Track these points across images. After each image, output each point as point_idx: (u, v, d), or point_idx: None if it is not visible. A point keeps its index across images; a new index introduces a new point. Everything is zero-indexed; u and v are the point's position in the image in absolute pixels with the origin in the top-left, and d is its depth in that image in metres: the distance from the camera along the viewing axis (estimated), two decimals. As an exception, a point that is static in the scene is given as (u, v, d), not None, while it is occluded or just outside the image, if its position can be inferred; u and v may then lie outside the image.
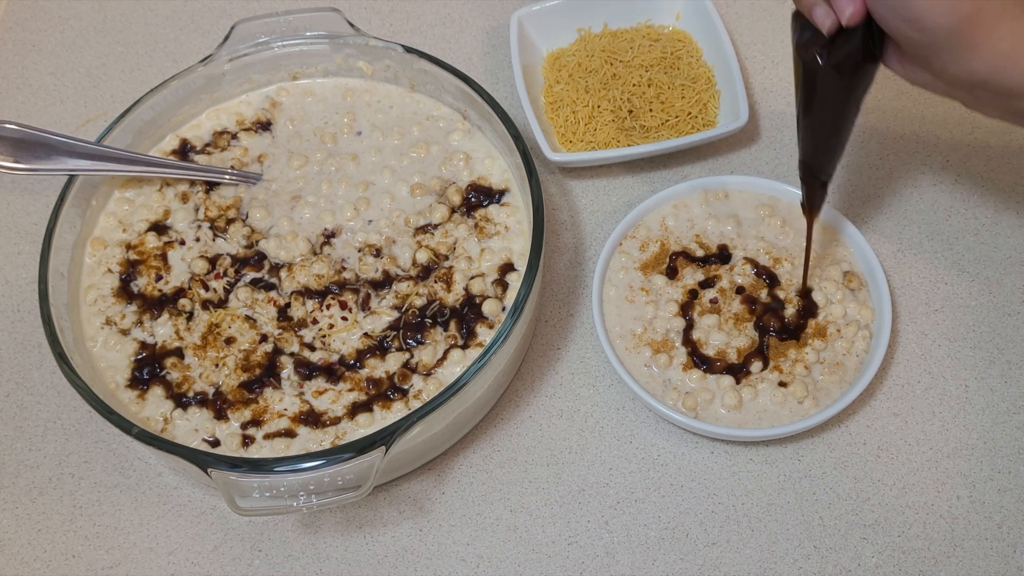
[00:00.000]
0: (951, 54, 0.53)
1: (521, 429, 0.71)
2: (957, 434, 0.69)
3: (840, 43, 0.56)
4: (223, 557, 0.67)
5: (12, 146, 0.73)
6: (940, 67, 0.54)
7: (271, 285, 0.73)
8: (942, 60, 0.54)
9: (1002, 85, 0.53)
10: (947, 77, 0.55)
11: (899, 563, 0.64)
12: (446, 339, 0.69)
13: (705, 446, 0.69)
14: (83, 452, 0.72)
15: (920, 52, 0.54)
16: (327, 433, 0.66)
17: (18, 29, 0.96)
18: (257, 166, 0.79)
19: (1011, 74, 0.52)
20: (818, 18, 0.56)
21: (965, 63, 0.53)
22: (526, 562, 0.66)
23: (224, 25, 0.89)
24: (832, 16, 0.55)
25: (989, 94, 0.55)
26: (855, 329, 0.70)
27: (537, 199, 0.69)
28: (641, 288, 0.73)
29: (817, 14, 0.56)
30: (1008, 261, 0.76)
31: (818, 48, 0.57)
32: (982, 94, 0.55)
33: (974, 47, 0.52)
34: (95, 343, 0.70)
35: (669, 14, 0.88)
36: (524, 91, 0.81)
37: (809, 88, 0.60)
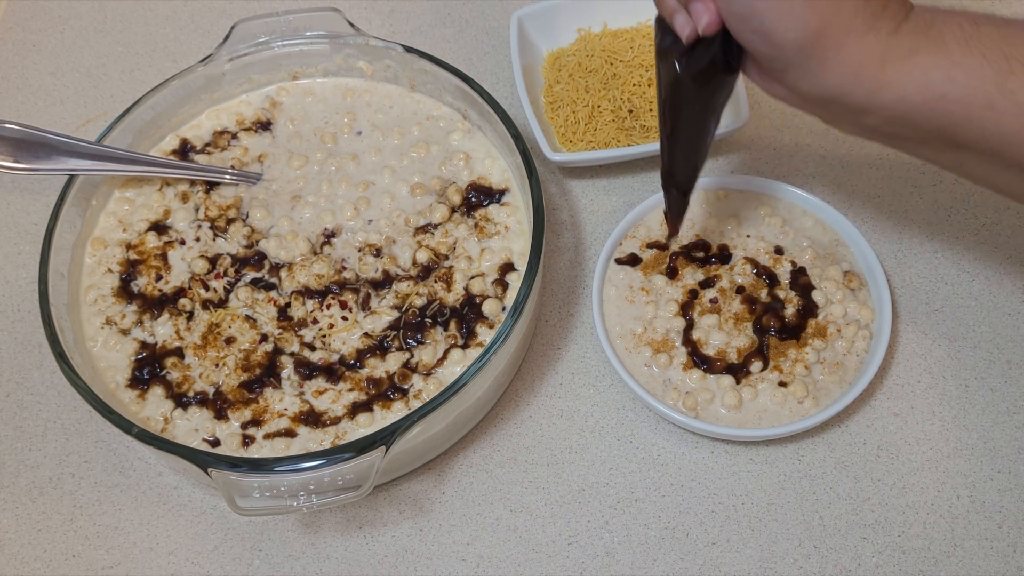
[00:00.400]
0: (801, 69, 0.53)
1: (521, 429, 0.71)
2: (957, 434, 0.69)
3: (699, 52, 0.56)
4: (223, 557, 0.67)
5: (12, 146, 0.73)
6: (792, 82, 0.54)
7: (271, 285, 0.73)
8: (794, 75, 0.54)
9: (851, 101, 0.53)
10: (800, 92, 0.55)
11: (899, 563, 0.64)
12: (446, 339, 0.69)
13: (705, 446, 0.69)
14: (83, 452, 0.72)
15: (773, 66, 0.54)
16: (327, 433, 0.66)
17: (18, 29, 0.96)
18: (257, 166, 0.79)
19: (858, 90, 0.52)
20: (678, 25, 0.56)
21: (814, 78, 0.53)
22: (526, 562, 0.66)
23: (224, 25, 0.89)
24: (691, 24, 0.55)
25: (840, 109, 0.55)
26: (855, 329, 0.70)
27: (537, 199, 0.69)
28: (641, 288, 0.73)
29: (677, 21, 0.56)
30: (1008, 261, 0.76)
31: (676, 55, 0.57)
32: (834, 109, 0.55)
33: (823, 63, 0.52)
34: (95, 343, 0.70)
35: (669, 14, 0.87)
36: (524, 91, 0.81)
37: (668, 95, 0.59)
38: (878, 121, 0.54)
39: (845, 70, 0.52)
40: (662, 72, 0.59)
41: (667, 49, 0.57)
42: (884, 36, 0.52)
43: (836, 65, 0.52)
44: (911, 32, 0.52)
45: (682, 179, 0.65)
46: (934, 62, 0.51)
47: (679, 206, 0.67)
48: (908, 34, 0.52)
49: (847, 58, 0.52)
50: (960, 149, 0.54)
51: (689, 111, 0.60)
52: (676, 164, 0.64)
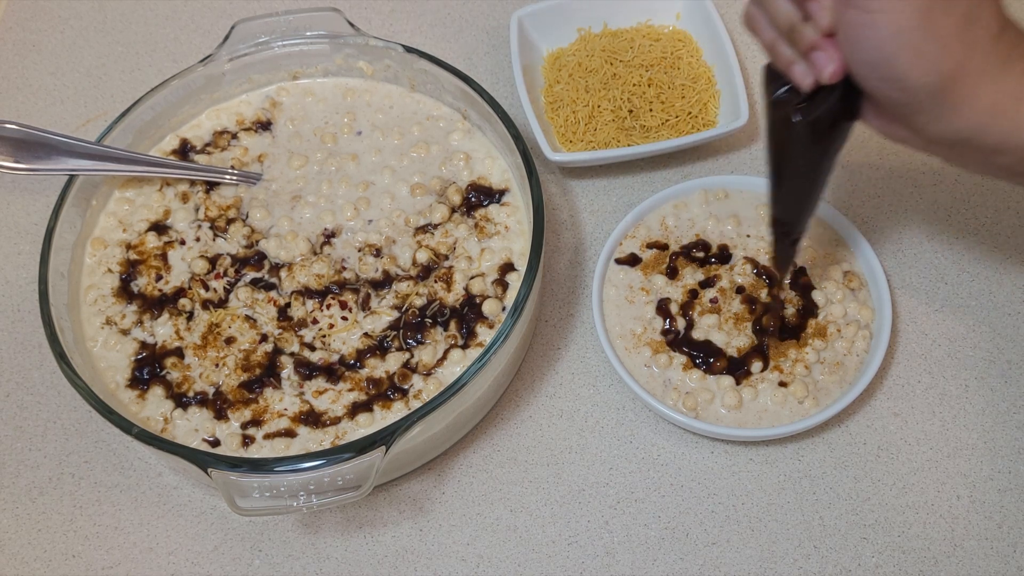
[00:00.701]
0: (933, 113, 0.52)
1: (521, 429, 0.71)
2: (957, 434, 0.69)
3: (818, 101, 0.54)
4: (223, 557, 0.67)
5: (12, 146, 0.73)
6: (921, 126, 0.53)
7: (271, 285, 0.73)
8: (924, 119, 0.52)
9: (984, 143, 0.52)
10: (928, 135, 0.54)
11: (899, 563, 0.64)
12: (446, 339, 0.69)
13: (705, 446, 0.69)
14: (83, 452, 0.72)
15: (900, 111, 0.53)
16: (327, 433, 0.66)
17: (18, 29, 0.96)
18: (257, 166, 0.79)
19: (993, 132, 0.52)
20: (797, 76, 0.54)
21: (947, 122, 0.52)
22: (526, 562, 0.66)
23: (224, 25, 0.89)
24: (812, 75, 0.53)
25: (972, 151, 0.54)
26: (855, 329, 0.70)
27: (537, 199, 0.69)
28: (641, 288, 0.73)
29: (796, 72, 0.54)
30: (1008, 261, 0.76)
31: (794, 105, 0.55)
32: (964, 151, 0.54)
33: (956, 106, 0.51)
34: (95, 343, 0.70)
35: (669, 14, 0.88)
36: (524, 91, 0.81)
37: (783, 146, 0.58)
38: (1012, 160, 0.53)
39: (980, 112, 0.51)
40: (775, 122, 0.57)
41: (783, 98, 0.55)
42: (1019, 75, 0.51)
43: (970, 108, 0.51)
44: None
45: (793, 228, 0.63)
46: None
47: (788, 255, 0.65)
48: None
49: (982, 100, 0.51)
50: None
51: (805, 161, 0.58)
52: (788, 213, 0.62)
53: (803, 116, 0.55)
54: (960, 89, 0.50)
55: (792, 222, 0.63)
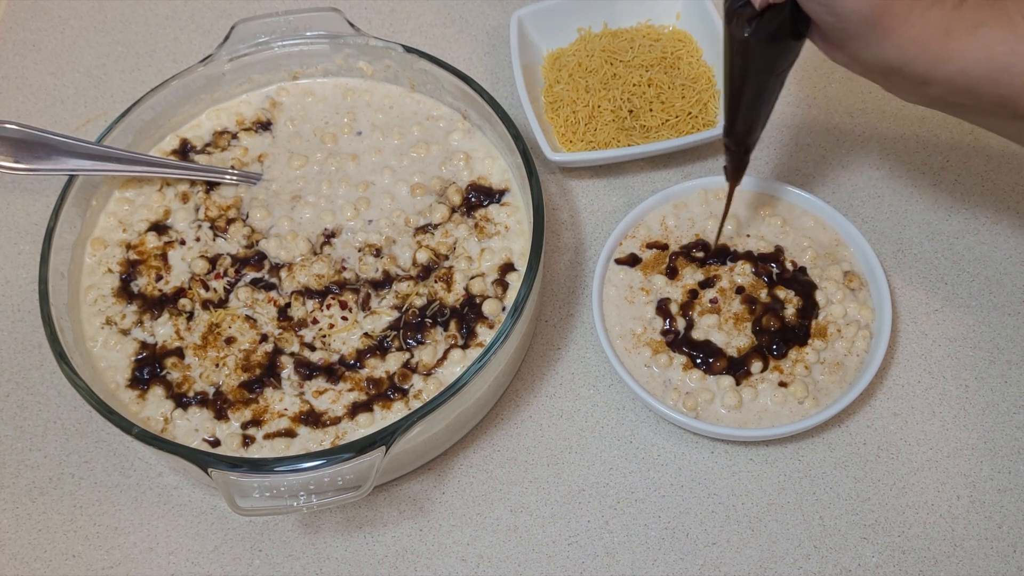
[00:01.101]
0: (865, 40, 0.54)
1: (521, 429, 0.71)
2: (957, 434, 0.69)
3: (768, 16, 0.57)
4: (223, 557, 0.67)
5: (12, 146, 0.73)
6: (855, 52, 0.55)
7: (271, 285, 0.73)
8: (857, 45, 0.55)
9: (914, 72, 0.54)
10: (862, 61, 0.56)
11: (899, 563, 0.64)
12: (446, 339, 0.69)
13: (705, 446, 0.69)
14: (83, 452, 0.72)
15: (836, 36, 0.55)
16: (327, 433, 0.66)
17: (18, 29, 0.96)
18: (257, 166, 0.79)
19: (921, 63, 0.53)
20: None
21: (878, 50, 0.54)
22: (526, 562, 0.66)
23: (224, 25, 0.89)
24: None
25: (902, 80, 0.56)
26: (855, 329, 0.70)
27: (537, 199, 0.69)
28: (641, 288, 0.73)
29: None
30: (1008, 261, 0.76)
31: (747, 18, 0.58)
32: (896, 79, 0.56)
33: (886, 35, 0.53)
34: (95, 343, 0.70)
35: (669, 14, 0.88)
36: (524, 91, 0.81)
37: (735, 58, 0.61)
38: (940, 92, 0.55)
39: (909, 42, 0.53)
40: (729, 34, 0.60)
41: (737, 11, 0.59)
42: (949, 9, 0.52)
43: (900, 37, 0.53)
44: (976, 5, 0.52)
45: (745, 138, 0.66)
46: (999, 35, 0.52)
47: (740, 163, 0.69)
48: (973, 7, 0.52)
49: (911, 31, 0.52)
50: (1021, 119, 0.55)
51: (755, 73, 0.61)
52: (740, 124, 0.65)
53: (753, 30, 0.58)
54: (891, 19, 0.52)
55: (744, 134, 0.66)
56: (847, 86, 0.85)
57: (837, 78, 0.85)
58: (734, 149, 0.67)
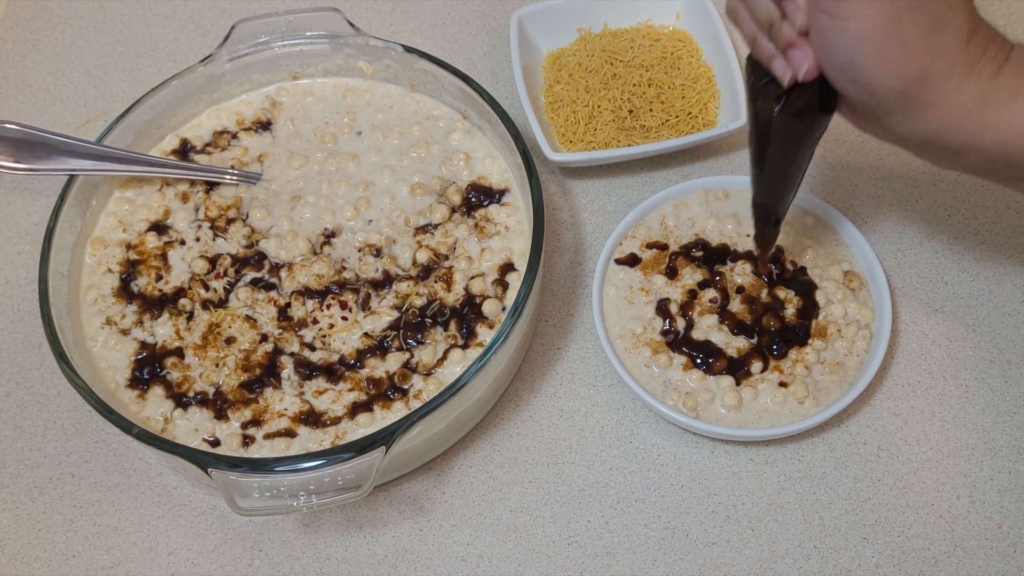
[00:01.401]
0: (900, 115, 0.53)
1: (521, 429, 0.71)
2: (957, 434, 0.69)
3: (796, 95, 0.56)
4: (223, 557, 0.67)
5: (12, 146, 0.73)
6: (890, 126, 0.54)
7: (271, 285, 0.73)
8: (892, 120, 0.54)
9: (950, 143, 0.53)
10: (897, 134, 0.55)
11: (899, 563, 0.64)
12: (446, 339, 0.69)
13: (705, 446, 0.69)
14: (83, 452, 0.72)
15: (870, 112, 0.54)
16: (327, 433, 0.66)
17: (18, 29, 0.96)
18: (257, 166, 0.79)
19: (959, 134, 0.53)
20: (777, 71, 0.56)
21: (914, 123, 0.53)
22: (526, 562, 0.66)
23: (224, 25, 0.89)
24: (791, 70, 0.55)
25: (939, 150, 0.55)
26: (855, 329, 0.70)
27: (537, 199, 0.69)
28: (641, 288, 0.73)
29: (777, 67, 0.56)
30: (1008, 261, 0.76)
31: (774, 97, 0.57)
32: (932, 150, 0.55)
33: (922, 108, 0.52)
34: (95, 343, 0.70)
35: (669, 14, 0.88)
36: (524, 91, 0.81)
37: (763, 134, 0.60)
38: (977, 160, 0.54)
39: (945, 115, 0.52)
40: (756, 111, 0.59)
41: (762, 90, 0.58)
42: (986, 79, 0.51)
43: (935, 110, 0.52)
44: (1012, 74, 0.52)
45: (774, 210, 0.65)
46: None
47: (770, 237, 0.68)
48: (1010, 76, 0.52)
49: (948, 103, 0.52)
50: None
51: (784, 149, 0.60)
52: (769, 197, 0.64)
53: (782, 108, 0.57)
54: (926, 93, 0.51)
55: (773, 205, 0.65)
56: (847, 86, 0.85)
57: (837, 78, 0.85)
58: (763, 219, 0.66)
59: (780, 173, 0.62)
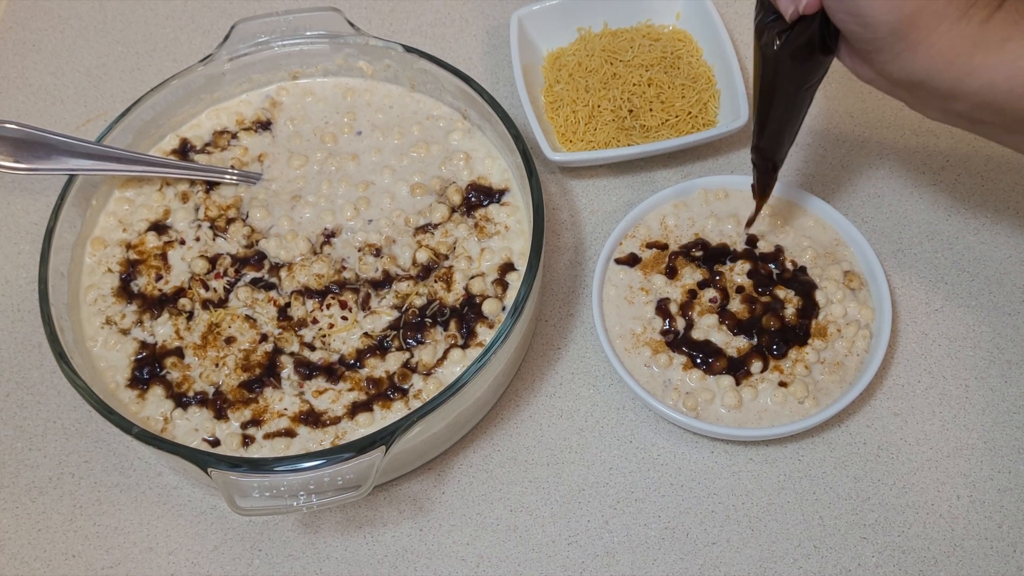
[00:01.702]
0: (891, 52, 0.54)
1: (521, 429, 0.71)
2: (957, 434, 0.69)
3: (798, 31, 0.58)
4: (223, 557, 0.67)
5: (12, 146, 0.73)
6: (881, 64, 0.56)
7: (271, 285, 0.73)
8: (883, 57, 0.55)
9: (938, 86, 0.54)
10: (888, 75, 0.56)
11: (899, 563, 0.64)
12: (446, 339, 0.69)
13: (705, 446, 0.69)
14: (83, 452, 0.72)
15: (864, 48, 0.56)
16: (327, 433, 0.66)
17: (18, 29, 0.96)
18: (257, 166, 0.79)
19: (946, 76, 0.54)
20: (781, 4, 0.57)
21: (904, 62, 0.54)
22: (526, 562, 0.66)
23: (224, 25, 0.89)
24: (794, 4, 0.56)
25: (927, 94, 0.56)
26: (855, 329, 0.70)
27: (537, 199, 0.69)
28: (641, 288, 0.73)
29: (781, 2, 0.57)
30: (1008, 261, 0.76)
31: (776, 33, 0.59)
32: (921, 94, 0.56)
33: (913, 47, 0.53)
34: (95, 343, 0.70)
35: (669, 14, 0.88)
36: (524, 91, 0.81)
37: (764, 72, 0.61)
38: (965, 107, 0.55)
39: (935, 55, 0.53)
40: (760, 48, 0.61)
41: (767, 26, 0.59)
42: (976, 23, 0.52)
43: (926, 50, 0.53)
44: (1003, 20, 0.53)
45: (773, 154, 0.67)
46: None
47: (768, 181, 0.69)
48: (1000, 22, 0.52)
49: (938, 43, 0.53)
50: None
51: (784, 88, 0.61)
52: (768, 139, 0.66)
53: (785, 43, 0.58)
54: (918, 31, 0.53)
55: (772, 149, 0.66)
56: (847, 87, 0.85)
57: (837, 79, 0.85)
58: (761, 165, 0.68)
59: (780, 116, 0.63)
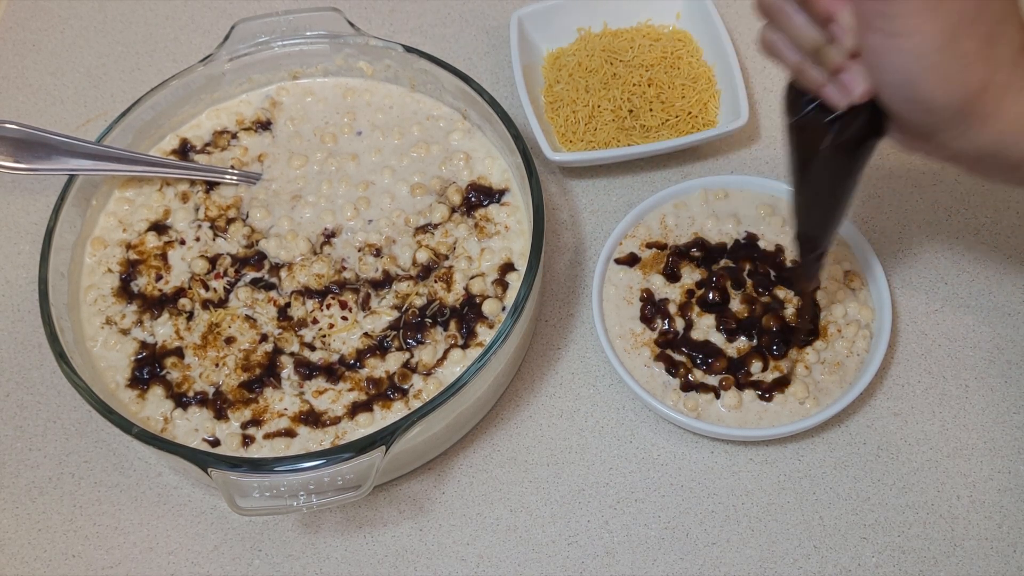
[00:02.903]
0: (957, 130, 0.51)
1: (521, 429, 0.71)
2: (957, 434, 0.69)
3: (847, 121, 0.54)
4: (223, 557, 0.67)
5: (12, 146, 0.73)
6: (945, 142, 0.53)
7: (271, 285, 0.73)
8: (947, 136, 0.52)
9: (1008, 157, 0.52)
10: (951, 151, 0.53)
11: (899, 563, 0.64)
12: (446, 339, 0.69)
13: (705, 446, 0.69)
14: (83, 452, 0.72)
15: (925, 129, 0.53)
16: (327, 433, 0.66)
17: (18, 29, 0.96)
18: (257, 166, 0.79)
19: (1016, 146, 0.51)
20: (831, 97, 0.53)
21: (971, 138, 0.52)
22: (526, 562, 0.66)
23: (224, 25, 0.89)
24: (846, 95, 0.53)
25: (996, 165, 0.53)
26: (855, 329, 0.70)
27: (537, 199, 0.69)
28: (641, 288, 0.73)
29: (829, 93, 0.53)
30: (1008, 261, 0.76)
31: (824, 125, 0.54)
32: (988, 164, 0.54)
33: (980, 123, 0.51)
34: (95, 343, 0.70)
35: (669, 14, 0.88)
36: (524, 91, 0.81)
37: (810, 164, 0.57)
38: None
39: (1004, 127, 0.51)
40: (802, 142, 0.57)
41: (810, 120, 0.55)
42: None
43: (995, 123, 0.50)
44: None
45: (818, 242, 0.63)
46: None
47: (813, 270, 0.65)
48: None
49: (1006, 116, 0.50)
50: None
51: (831, 178, 0.58)
52: (814, 228, 0.62)
53: (834, 136, 0.54)
54: (984, 107, 0.50)
55: (817, 237, 0.62)
56: (847, 86, 0.85)
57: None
58: (810, 253, 0.63)
59: (826, 203, 0.60)
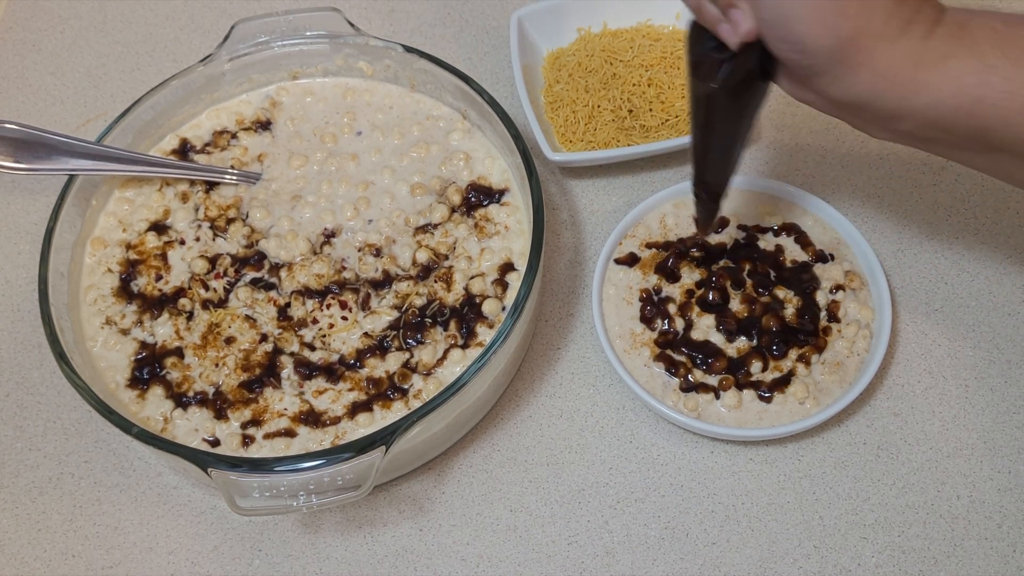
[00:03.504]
0: (832, 75, 0.52)
1: (521, 429, 0.71)
2: (957, 434, 0.69)
3: (736, 61, 0.55)
4: (223, 557, 0.67)
5: (12, 146, 0.73)
6: (822, 88, 0.54)
7: (271, 285, 0.73)
8: (824, 81, 0.53)
9: (882, 107, 0.53)
10: (830, 97, 0.54)
11: (899, 563, 0.64)
12: (446, 339, 0.69)
13: (705, 446, 0.69)
14: (83, 452, 0.72)
15: (803, 73, 0.54)
16: (327, 433, 0.66)
17: (18, 29, 0.96)
18: (257, 166, 0.79)
19: (890, 96, 0.52)
20: (724, 34, 0.55)
21: (846, 85, 0.52)
22: (526, 562, 0.66)
23: (224, 25, 0.89)
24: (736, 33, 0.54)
25: (871, 115, 0.54)
26: (855, 329, 0.70)
27: (537, 199, 0.69)
28: (640, 288, 0.73)
29: (723, 30, 0.55)
30: (1008, 261, 0.76)
31: (715, 64, 0.56)
32: (865, 115, 0.55)
33: (854, 69, 0.52)
34: (95, 343, 0.70)
35: (669, 14, 0.87)
36: (524, 91, 0.81)
37: (702, 105, 0.59)
38: (911, 126, 0.54)
39: (877, 76, 0.51)
40: (696, 82, 0.58)
41: (703, 59, 0.57)
42: (917, 41, 0.51)
43: (868, 71, 0.51)
44: (944, 36, 0.51)
45: (714, 186, 0.65)
46: (968, 66, 0.50)
47: (710, 212, 0.67)
48: (941, 38, 0.51)
49: (879, 64, 0.51)
50: (995, 151, 0.53)
51: (724, 120, 0.59)
52: (709, 172, 0.64)
53: (724, 73, 0.56)
54: (857, 52, 0.51)
55: (713, 180, 0.64)
56: (847, 86, 0.85)
57: (837, 78, 0.85)
58: (705, 198, 0.66)
59: (720, 146, 0.61)
